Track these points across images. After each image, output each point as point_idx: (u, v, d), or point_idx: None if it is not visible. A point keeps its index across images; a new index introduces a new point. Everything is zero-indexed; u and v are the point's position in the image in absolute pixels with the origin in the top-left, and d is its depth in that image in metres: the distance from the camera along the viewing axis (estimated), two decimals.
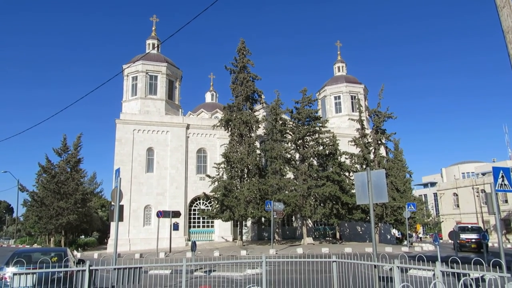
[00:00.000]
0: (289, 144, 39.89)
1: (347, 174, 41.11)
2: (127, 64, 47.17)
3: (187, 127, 45.36)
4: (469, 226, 34.62)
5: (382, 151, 45.07)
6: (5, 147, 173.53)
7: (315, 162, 39.93)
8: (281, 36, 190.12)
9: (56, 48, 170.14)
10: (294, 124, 40.41)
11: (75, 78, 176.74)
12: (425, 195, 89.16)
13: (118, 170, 16.89)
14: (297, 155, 39.60)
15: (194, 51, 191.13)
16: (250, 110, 39.49)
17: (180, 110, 49.36)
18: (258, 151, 39.58)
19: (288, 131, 40.24)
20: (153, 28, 50.01)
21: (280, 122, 39.87)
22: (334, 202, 37.45)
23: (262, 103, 42.09)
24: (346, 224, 48.42)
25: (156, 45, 48.98)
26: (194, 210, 44.23)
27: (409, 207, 34.71)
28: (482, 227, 32.82)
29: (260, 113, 45.16)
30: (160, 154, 43.81)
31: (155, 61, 46.86)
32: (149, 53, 47.27)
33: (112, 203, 16.70)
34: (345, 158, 42.50)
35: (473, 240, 31.85)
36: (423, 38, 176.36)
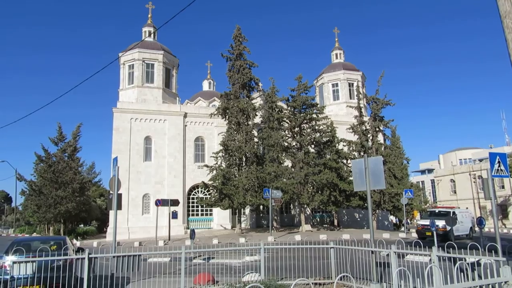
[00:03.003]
0: (286, 132, 39.97)
1: (344, 161, 41.21)
2: (123, 52, 46.90)
3: (185, 116, 45.30)
4: (437, 210, 29.98)
5: (380, 138, 45.17)
6: (2, 136, 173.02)
7: (312, 150, 40.13)
8: (278, 22, 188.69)
9: (52, 34, 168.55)
10: (290, 112, 40.43)
11: (71, 65, 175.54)
12: (423, 182, 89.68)
13: (115, 159, 16.90)
14: (294, 143, 39.77)
15: (191, 39, 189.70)
16: (247, 98, 39.41)
17: (177, 98, 49.16)
18: (255, 139, 39.67)
19: (285, 119, 40.24)
20: (149, 16, 49.61)
21: (277, 110, 39.93)
22: (331, 189, 37.60)
23: (259, 90, 42.00)
24: (344, 211, 48.74)
25: (152, 33, 48.63)
26: (193, 198, 44.42)
27: (407, 194, 34.96)
28: (456, 212, 28.15)
29: (258, 101, 45.23)
30: (158, 143, 43.82)
31: (152, 49, 46.59)
32: (145, 41, 46.94)
33: (111, 192, 16.75)
34: (343, 145, 42.57)
35: (428, 227, 26.39)
36: (421, 21, 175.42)
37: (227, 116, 39.28)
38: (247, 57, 39.78)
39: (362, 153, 40.81)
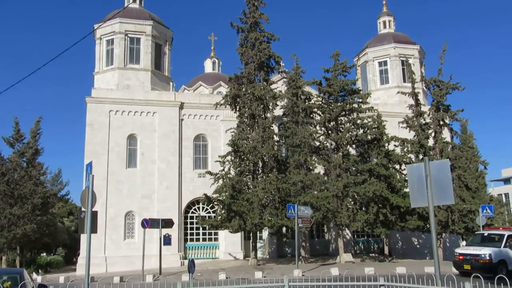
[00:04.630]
0: (318, 128, 40.07)
1: (397, 166, 40.97)
2: (99, 23, 47.59)
3: (181, 107, 45.75)
4: (486, 233, 28.40)
5: (445, 135, 44.63)
6: None
7: (353, 151, 39.93)
8: None
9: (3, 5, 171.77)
10: (323, 101, 40.58)
11: (34, 44, 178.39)
12: (507, 195, 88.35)
13: (89, 165, 17.06)
14: (329, 142, 39.71)
15: (189, 6, 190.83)
16: (264, 83, 39.69)
17: (171, 83, 49.57)
18: (276, 138, 39.82)
19: (315, 109, 40.47)
20: None
21: (304, 97, 40.21)
22: (380, 205, 37.36)
23: (281, 72, 42.30)
24: (397, 235, 48.33)
25: None
26: (192, 217, 44.64)
27: (484, 211, 34.41)
28: None
29: (279, 86, 45.25)
30: (145, 143, 44.35)
31: (137, 18, 47.32)
32: (129, 8, 47.52)
33: (83, 209, 16.92)
34: (395, 145, 42.25)
35: (469, 258, 25.44)
36: None
37: (237, 107, 39.54)
38: (264, 28, 40.04)
39: (421, 156, 40.40)
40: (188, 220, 44.66)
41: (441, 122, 42.58)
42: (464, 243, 50.65)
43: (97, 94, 44.26)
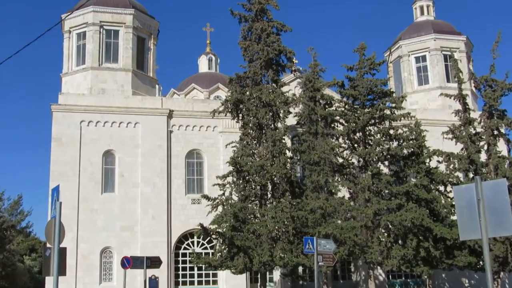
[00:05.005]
0: (341, 140, 40.23)
1: (441, 188, 40.86)
2: (68, 12, 48.02)
3: (169, 115, 46.12)
4: None
5: (501, 147, 44.31)
6: None
7: (385, 170, 39.99)
8: None
9: None
10: (347, 106, 40.79)
11: None
12: None
13: (56, 190, 17.04)
14: (355, 158, 39.96)
15: None
16: (274, 84, 39.70)
17: (157, 86, 49.93)
18: (289, 153, 39.85)
19: (337, 117, 40.65)
20: None
21: (323, 102, 40.36)
22: (421, 238, 37.14)
23: (294, 70, 42.55)
24: (443, 275, 47.96)
25: None
26: (184, 255, 44.65)
27: None
28: None
29: (292, 88, 45.34)
30: (125, 162, 44.58)
31: (115, 6, 47.92)
32: None
33: (48, 245, 16.89)
34: (438, 161, 42.09)
35: None
36: None
37: (240, 115, 39.56)
38: (273, 17, 40.12)
39: (471, 175, 40.24)
40: (180, 258, 44.55)
41: (495, 132, 42.28)
42: None
43: (65, 101, 44.53)
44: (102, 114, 44.75)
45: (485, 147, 41.93)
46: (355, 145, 40.29)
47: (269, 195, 38.12)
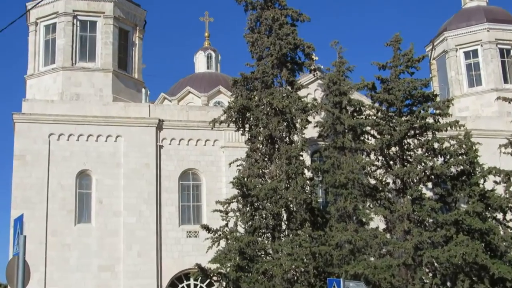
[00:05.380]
0: (372, 157, 40.16)
1: (499, 216, 40.59)
2: (35, 1, 47.79)
3: (159, 126, 46.28)
4: None
5: None
6: None
7: (428, 193, 39.65)
8: None
9: None
10: (380, 114, 40.68)
11: None
12: None
13: (19, 220, 17.06)
14: (390, 179, 39.74)
15: None
16: (289, 87, 39.88)
17: (144, 91, 50.25)
18: (308, 173, 39.78)
19: (368, 128, 40.68)
20: None
21: (351, 109, 40.39)
22: (474, 278, 36.87)
23: (314, 70, 42.58)
24: None
25: None
26: None
27: None
28: None
29: (311, 91, 45.35)
30: (104, 185, 44.63)
31: None
32: None
33: None
34: (495, 181, 41.90)
35: None
36: None
37: (247, 126, 39.69)
38: (287, 3, 40.26)
39: None
40: None
41: None
42: None
43: (30, 109, 44.66)
44: (75, 125, 44.74)
45: None
46: (391, 162, 39.87)
47: (284, 226, 37.91)
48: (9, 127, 45.05)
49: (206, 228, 37.39)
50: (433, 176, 39.20)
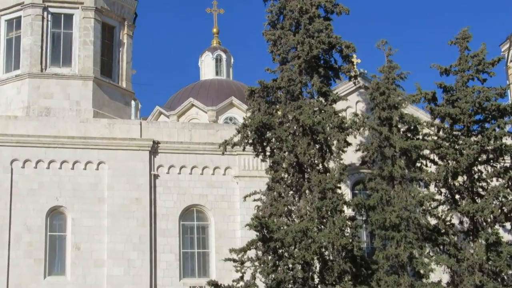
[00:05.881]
0: (433, 189, 40.24)
1: None
2: None
3: (154, 150, 46.83)
4: None
5: None
6: None
7: (507, 236, 40.04)
8: None
9: None
10: (442, 133, 41.08)
11: None
12: None
13: None
14: (456, 218, 40.01)
15: None
16: (322, 99, 40.26)
17: (133, 103, 50.48)
18: (348, 210, 40.21)
19: (427, 151, 40.78)
20: None
21: (403, 128, 40.68)
22: None
23: (355, 77, 43.13)
24: None
25: None
26: None
27: None
28: None
29: (351, 104, 45.96)
30: (82, 226, 45.04)
31: None
32: None
33: None
34: None
35: None
36: None
37: (268, 149, 40.22)
38: None
39: None
40: None
41: None
42: None
43: None
44: (45, 148, 45.12)
45: None
46: (457, 196, 39.98)
47: (317, 279, 37.96)
48: None
49: (215, 285, 37.67)
50: None
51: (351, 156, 41.54)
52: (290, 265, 37.37)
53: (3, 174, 44.42)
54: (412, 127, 40.99)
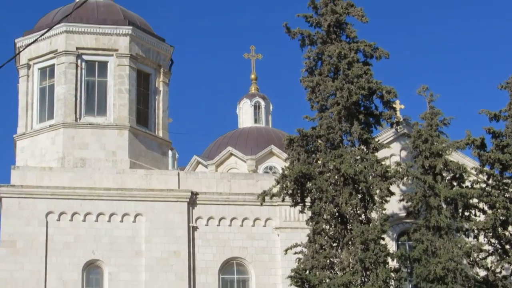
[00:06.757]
0: (482, 239, 39.90)
1: None
2: (26, 35, 49.68)
3: (192, 201, 46.80)
4: None
5: None
6: None
7: None
8: None
9: None
10: (491, 181, 40.85)
11: None
12: None
13: None
14: (506, 271, 39.57)
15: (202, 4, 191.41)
16: (363, 147, 40.28)
17: (170, 153, 50.66)
18: (392, 262, 39.90)
19: (474, 199, 40.30)
20: None
21: (449, 176, 40.30)
22: None
23: (397, 123, 42.80)
24: None
25: None
26: None
27: None
28: None
29: (393, 151, 46.08)
30: (120, 280, 45.07)
31: (101, 23, 49.30)
32: (85, 2, 49.02)
33: None
34: None
35: None
36: None
37: (308, 200, 40.12)
38: (357, 35, 41.22)
39: None
40: None
41: None
42: None
43: (21, 180, 45.24)
44: (81, 200, 45.20)
45: None
46: (507, 246, 39.65)
47: None
48: None
49: None
50: None
51: (395, 206, 41.40)
52: None
53: (38, 227, 44.38)
54: (457, 175, 40.78)
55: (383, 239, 39.00)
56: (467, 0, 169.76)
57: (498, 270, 39.74)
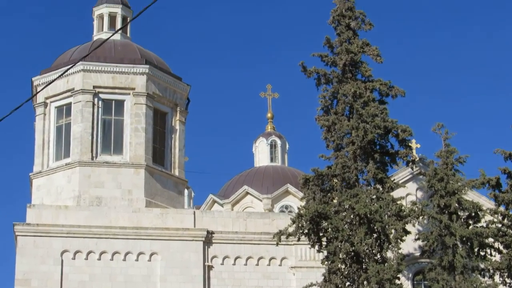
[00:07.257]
0: (496, 279, 39.85)
1: None
2: (44, 73, 50.53)
3: (207, 240, 47.07)
4: None
5: None
6: None
7: None
8: None
9: None
10: (505, 221, 40.74)
11: None
12: None
13: None
14: None
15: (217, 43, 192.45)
16: (379, 186, 40.53)
17: (186, 192, 50.76)
18: None
19: (490, 239, 40.41)
20: None
21: (463, 214, 40.47)
22: None
23: (412, 162, 42.85)
24: None
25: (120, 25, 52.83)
26: None
27: None
28: None
29: (409, 190, 46.55)
30: None
31: (118, 62, 50.00)
32: (104, 41, 49.37)
33: None
34: None
35: None
36: None
37: (324, 239, 40.33)
38: (372, 74, 41.58)
39: None
40: None
41: None
42: None
43: (37, 218, 45.64)
44: (97, 239, 45.54)
45: None
46: None
47: None
48: (9, 241, 45.62)
49: None
50: None
51: (410, 245, 41.50)
52: None
53: (54, 266, 44.64)
54: (473, 214, 40.98)
55: (399, 278, 39.18)
56: (482, 38, 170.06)
57: None
